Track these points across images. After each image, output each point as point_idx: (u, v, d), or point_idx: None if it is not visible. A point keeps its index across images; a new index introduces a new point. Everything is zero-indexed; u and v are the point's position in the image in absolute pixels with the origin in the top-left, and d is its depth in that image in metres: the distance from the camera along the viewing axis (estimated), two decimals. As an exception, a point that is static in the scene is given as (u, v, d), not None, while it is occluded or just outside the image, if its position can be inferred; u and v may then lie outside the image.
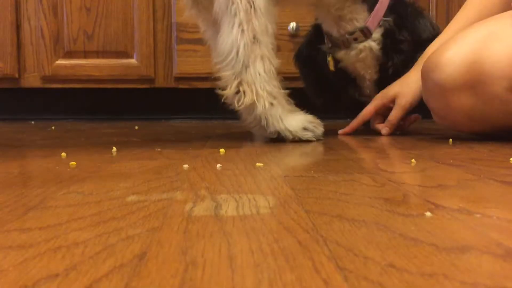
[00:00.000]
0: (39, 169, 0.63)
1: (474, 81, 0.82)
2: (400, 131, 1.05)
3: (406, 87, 1.00)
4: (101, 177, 0.55)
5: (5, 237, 0.33)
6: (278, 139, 0.88)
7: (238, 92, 0.86)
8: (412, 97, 0.99)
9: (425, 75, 0.89)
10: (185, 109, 1.55)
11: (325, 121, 0.94)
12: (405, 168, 0.60)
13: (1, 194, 0.47)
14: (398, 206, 0.41)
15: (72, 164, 0.63)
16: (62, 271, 0.27)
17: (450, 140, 0.89)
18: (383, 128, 1.03)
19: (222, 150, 0.76)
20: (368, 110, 1.04)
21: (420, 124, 1.28)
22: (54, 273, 0.26)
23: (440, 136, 0.97)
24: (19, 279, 0.26)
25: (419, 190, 0.48)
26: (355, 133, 1.05)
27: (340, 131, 1.05)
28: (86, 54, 1.46)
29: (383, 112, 1.05)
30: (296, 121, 0.89)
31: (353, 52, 1.05)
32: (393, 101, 1.02)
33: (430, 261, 0.28)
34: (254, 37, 0.85)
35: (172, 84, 1.48)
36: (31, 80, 1.46)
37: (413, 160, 0.65)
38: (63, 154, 0.72)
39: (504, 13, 0.88)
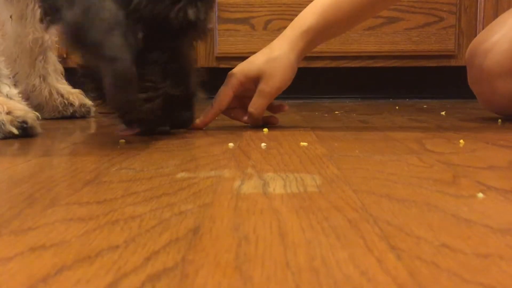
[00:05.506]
0: (91, 146, 0.66)
1: None
2: (266, 124, 0.81)
3: (273, 64, 0.75)
4: (150, 154, 0.57)
5: (66, 210, 0.34)
6: None
7: None
8: (281, 79, 0.75)
9: (470, 61, 0.87)
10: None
11: (356, 100, 0.92)
12: (454, 149, 0.59)
13: (57, 169, 0.49)
14: (448, 187, 0.41)
15: (121, 142, 0.65)
16: (122, 243, 0.28)
17: (499, 120, 0.86)
18: (247, 119, 0.80)
19: (265, 129, 0.76)
20: (224, 95, 0.78)
21: (465, 104, 1.24)
22: (114, 244, 0.28)
23: (488, 117, 0.94)
24: (82, 249, 0.27)
25: (469, 171, 0.47)
26: (396, 111, 1.03)
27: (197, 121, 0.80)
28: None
29: (242, 93, 0.79)
30: None
31: None
32: (255, 81, 0.77)
33: (484, 242, 0.28)
34: None
35: (213, 63, 1.49)
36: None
37: (461, 141, 0.63)
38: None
39: None
